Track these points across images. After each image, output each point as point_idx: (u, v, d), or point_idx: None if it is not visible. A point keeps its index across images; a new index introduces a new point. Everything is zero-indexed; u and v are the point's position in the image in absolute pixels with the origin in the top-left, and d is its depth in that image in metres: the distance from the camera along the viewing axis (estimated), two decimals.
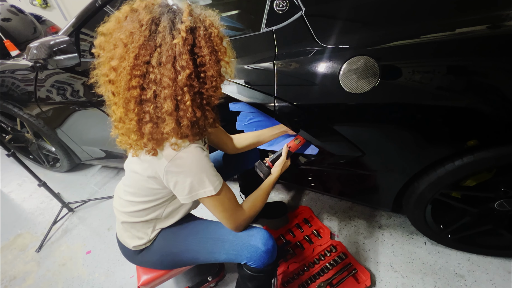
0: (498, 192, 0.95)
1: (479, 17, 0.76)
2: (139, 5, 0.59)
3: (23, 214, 1.84)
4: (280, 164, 0.97)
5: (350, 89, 0.83)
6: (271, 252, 0.80)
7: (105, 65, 0.61)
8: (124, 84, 0.58)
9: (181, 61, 0.57)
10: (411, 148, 0.90)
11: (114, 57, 0.58)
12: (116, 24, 0.59)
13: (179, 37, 0.56)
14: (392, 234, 1.34)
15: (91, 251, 1.51)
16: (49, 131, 1.73)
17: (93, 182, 2.03)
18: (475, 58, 0.74)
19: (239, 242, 0.81)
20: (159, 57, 0.56)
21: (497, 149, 0.81)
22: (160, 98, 0.59)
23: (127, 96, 0.59)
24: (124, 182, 0.87)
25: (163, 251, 0.88)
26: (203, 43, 0.59)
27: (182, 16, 0.58)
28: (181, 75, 0.57)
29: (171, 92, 0.58)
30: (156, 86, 0.58)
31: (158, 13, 0.58)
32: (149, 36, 0.56)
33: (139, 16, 0.57)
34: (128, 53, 0.56)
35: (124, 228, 0.89)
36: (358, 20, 0.89)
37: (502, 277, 1.13)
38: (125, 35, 0.57)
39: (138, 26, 0.56)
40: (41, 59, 1.25)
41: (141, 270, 0.99)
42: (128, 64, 0.56)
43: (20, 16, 2.59)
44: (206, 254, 0.84)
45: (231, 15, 1.45)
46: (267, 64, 0.94)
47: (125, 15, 0.59)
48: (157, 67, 0.57)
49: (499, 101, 0.74)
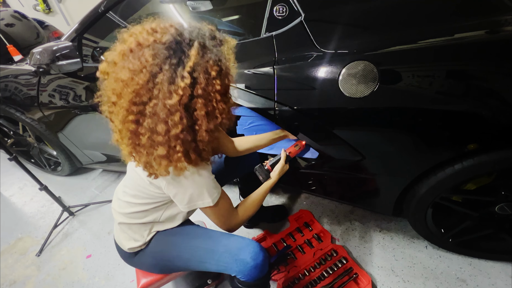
0: (499, 196, 0.95)
1: (477, 23, 0.77)
2: (146, 38, 0.56)
3: (24, 218, 1.84)
4: (279, 169, 0.97)
5: (349, 93, 0.84)
6: (261, 266, 0.78)
7: (106, 94, 0.61)
8: (121, 117, 0.58)
9: (175, 117, 0.56)
10: (411, 152, 0.90)
11: (114, 91, 0.58)
12: (120, 57, 0.57)
13: (175, 98, 0.54)
14: (393, 238, 1.34)
15: (92, 255, 1.51)
16: (51, 135, 1.74)
17: (94, 186, 2.04)
18: (474, 63, 0.75)
19: (229, 255, 0.80)
20: (154, 107, 0.56)
21: (496, 153, 0.81)
22: (153, 142, 0.59)
23: (123, 128, 0.59)
24: (125, 183, 0.88)
25: (156, 256, 0.88)
26: (200, 102, 0.57)
27: (186, 66, 0.55)
28: (173, 130, 0.57)
29: (164, 141, 0.58)
30: (150, 133, 0.58)
31: (162, 58, 0.55)
32: (147, 83, 0.55)
33: (142, 56, 0.55)
34: (126, 93, 0.56)
35: (121, 229, 0.90)
36: (357, 26, 0.90)
37: (504, 281, 1.12)
38: (125, 75, 0.55)
39: (138, 69, 0.55)
40: (44, 64, 1.26)
41: (140, 273, 0.99)
42: (125, 102, 0.56)
43: (23, 21, 2.62)
44: (197, 263, 0.84)
45: (231, 20, 1.47)
46: (267, 68, 0.95)
47: (130, 49, 0.56)
48: (151, 116, 0.56)
49: (498, 105, 0.75)
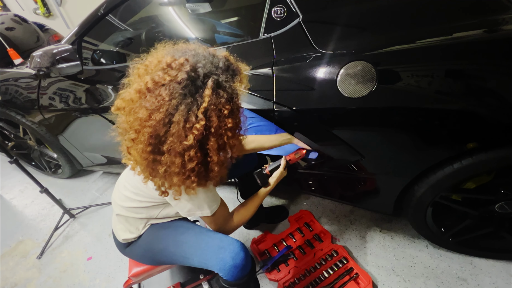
0: (498, 194, 0.96)
1: (475, 22, 0.77)
2: (162, 77, 0.57)
3: (24, 221, 1.84)
4: (277, 175, 0.98)
5: (348, 93, 0.84)
6: (240, 266, 0.79)
7: (122, 127, 0.63)
8: (139, 151, 0.60)
9: (190, 152, 0.59)
10: (410, 151, 0.90)
11: (132, 127, 0.59)
12: (137, 95, 0.59)
13: (191, 137, 0.57)
14: (394, 238, 1.34)
15: (93, 257, 1.51)
16: (51, 138, 1.75)
17: (94, 188, 2.04)
18: (471, 62, 0.75)
19: (210, 253, 0.81)
20: (171, 144, 0.58)
21: (495, 152, 0.81)
22: (169, 173, 0.62)
23: (141, 160, 0.62)
24: (126, 178, 0.89)
25: (146, 247, 0.90)
26: (213, 140, 0.60)
27: (200, 107, 0.57)
28: (189, 165, 0.60)
29: (180, 172, 0.61)
30: (167, 166, 0.61)
31: (178, 97, 0.56)
32: (164, 121, 0.57)
33: (159, 96, 0.56)
34: (144, 130, 0.58)
35: (118, 220, 0.92)
36: (355, 26, 0.90)
37: (505, 280, 1.12)
38: (143, 113, 0.57)
39: (156, 108, 0.56)
40: (44, 67, 1.27)
41: (132, 262, 1.03)
42: (143, 137, 0.58)
43: (23, 25, 2.64)
44: (181, 257, 0.86)
45: (231, 22, 1.48)
46: (266, 70, 0.96)
47: (147, 88, 0.58)
48: (168, 151, 0.59)
49: (496, 103, 0.75)
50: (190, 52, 0.61)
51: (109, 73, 1.34)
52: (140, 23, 1.50)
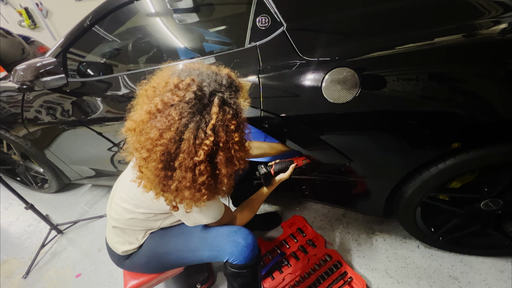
0: (482, 192, 0.98)
1: (454, 27, 0.80)
2: (170, 97, 0.59)
3: (9, 239, 1.77)
4: (282, 179, 1.00)
5: (333, 99, 0.86)
6: (252, 246, 0.84)
7: (132, 146, 0.65)
8: (151, 169, 0.62)
9: (201, 167, 0.61)
10: (396, 154, 0.92)
11: (144, 147, 0.61)
12: (147, 116, 0.61)
13: (201, 152, 0.59)
14: (386, 240, 1.35)
15: (81, 274, 1.46)
16: (37, 152, 1.70)
17: (83, 202, 1.99)
18: (452, 65, 0.78)
19: (221, 239, 0.85)
20: (182, 161, 0.60)
21: (476, 151, 0.84)
22: (181, 188, 0.64)
23: (153, 177, 0.64)
24: (124, 190, 0.87)
25: (150, 253, 0.89)
26: (221, 154, 0.63)
27: (209, 124, 0.59)
28: (200, 179, 0.63)
29: (191, 186, 0.63)
30: (178, 182, 0.63)
31: (187, 116, 0.59)
32: (175, 139, 0.59)
33: (169, 115, 0.59)
34: (156, 149, 0.60)
35: (115, 233, 0.90)
36: (338, 33, 0.93)
37: (495, 276, 1.14)
38: (154, 133, 0.59)
39: (167, 127, 0.58)
40: (28, 81, 1.25)
41: (128, 275, 0.99)
42: (155, 156, 0.60)
43: (8, 38, 2.60)
44: (190, 252, 0.87)
45: (219, 30, 1.49)
46: (253, 77, 0.97)
47: (157, 109, 0.60)
48: (179, 167, 0.61)
49: (476, 104, 0.78)
50: (195, 72, 0.64)
51: (96, 85, 1.32)
52: (127, 34, 1.50)
